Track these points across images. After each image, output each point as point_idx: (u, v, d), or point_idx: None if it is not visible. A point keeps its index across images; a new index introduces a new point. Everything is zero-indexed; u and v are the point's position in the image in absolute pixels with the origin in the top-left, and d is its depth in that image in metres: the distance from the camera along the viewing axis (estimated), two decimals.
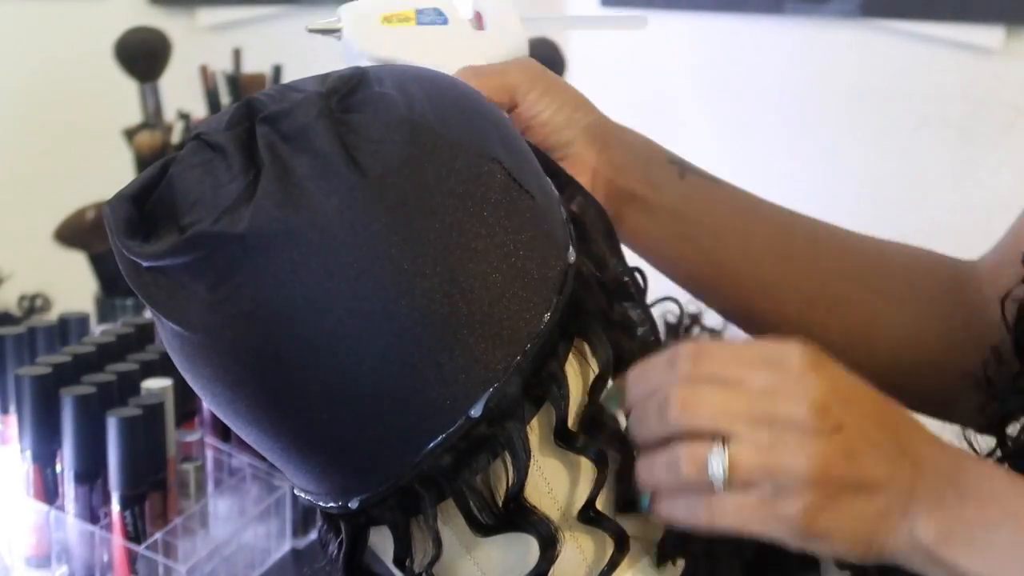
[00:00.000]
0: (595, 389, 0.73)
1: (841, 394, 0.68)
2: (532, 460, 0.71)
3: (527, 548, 0.72)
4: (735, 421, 0.67)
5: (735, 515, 0.67)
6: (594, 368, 0.74)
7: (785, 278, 0.94)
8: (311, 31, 0.86)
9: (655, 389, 0.69)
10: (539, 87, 0.87)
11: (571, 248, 0.74)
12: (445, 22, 0.85)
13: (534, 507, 0.71)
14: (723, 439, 0.67)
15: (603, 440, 0.73)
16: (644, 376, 0.70)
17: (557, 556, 0.71)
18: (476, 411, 0.69)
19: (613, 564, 0.73)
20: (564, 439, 0.72)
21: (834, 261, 0.96)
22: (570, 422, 0.72)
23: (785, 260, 0.94)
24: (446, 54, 0.84)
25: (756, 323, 0.95)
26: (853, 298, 0.95)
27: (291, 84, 0.74)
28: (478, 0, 0.88)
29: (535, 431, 0.72)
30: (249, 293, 0.67)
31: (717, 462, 0.67)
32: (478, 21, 0.88)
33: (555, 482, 0.73)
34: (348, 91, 0.71)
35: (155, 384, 1.25)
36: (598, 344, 0.73)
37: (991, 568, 0.69)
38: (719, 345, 0.70)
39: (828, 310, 0.94)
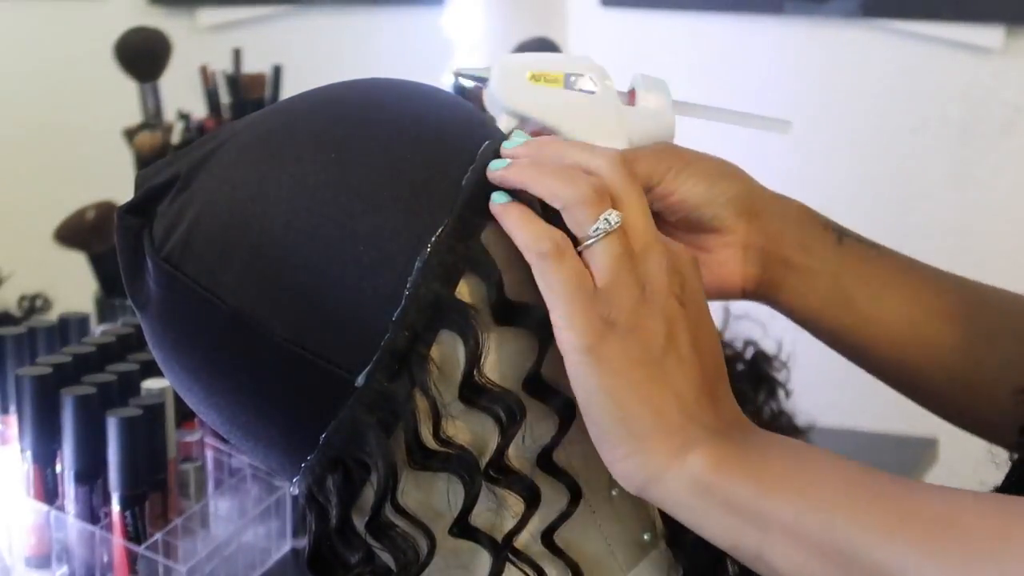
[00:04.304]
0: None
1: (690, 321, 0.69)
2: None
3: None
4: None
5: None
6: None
7: (952, 339, 0.91)
8: (458, 75, 0.85)
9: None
10: (674, 167, 0.87)
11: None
12: (592, 91, 0.83)
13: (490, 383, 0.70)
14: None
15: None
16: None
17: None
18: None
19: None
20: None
21: (1003, 319, 0.92)
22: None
23: (951, 321, 0.91)
24: (589, 123, 0.83)
25: (920, 387, 0.93)
26: None
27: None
28: (636, 78, 0.86)
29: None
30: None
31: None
32: (630, 98, 0.86)
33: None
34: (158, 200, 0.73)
35: (155, 384, 1.25)
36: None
37: (765, 490, 0.67)
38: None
39: (999, 369, 0.91)
